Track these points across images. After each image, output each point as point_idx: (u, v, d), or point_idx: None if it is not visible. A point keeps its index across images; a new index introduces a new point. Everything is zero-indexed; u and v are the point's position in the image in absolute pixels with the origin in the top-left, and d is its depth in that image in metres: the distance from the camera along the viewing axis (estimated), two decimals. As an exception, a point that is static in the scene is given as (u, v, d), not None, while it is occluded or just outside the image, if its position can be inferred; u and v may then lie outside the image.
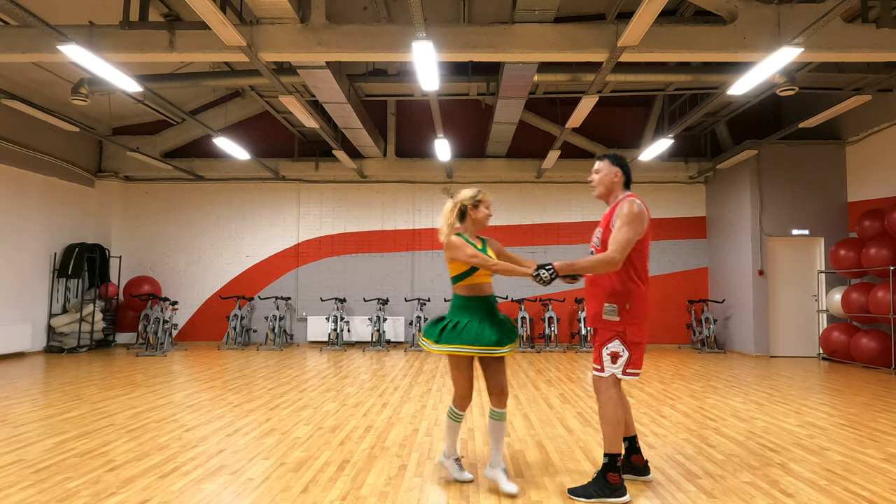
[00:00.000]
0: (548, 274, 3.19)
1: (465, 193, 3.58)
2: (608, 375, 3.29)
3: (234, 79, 9.21)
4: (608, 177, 3.47)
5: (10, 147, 9.97)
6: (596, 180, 3.52)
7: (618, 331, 3.27)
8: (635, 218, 3.23)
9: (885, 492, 3.38)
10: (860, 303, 9.05)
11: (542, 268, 3.22)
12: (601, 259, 3.21)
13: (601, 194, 3.53)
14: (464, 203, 3.54)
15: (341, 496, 3.25)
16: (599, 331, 3.35)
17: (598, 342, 3.35)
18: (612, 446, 3.25)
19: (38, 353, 10.63)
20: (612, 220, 3.32)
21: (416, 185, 12.77)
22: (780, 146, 10.67)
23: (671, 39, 6.53)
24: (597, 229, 3.49)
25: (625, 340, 3.26)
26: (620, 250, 3.17)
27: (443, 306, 12.36)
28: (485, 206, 3.55)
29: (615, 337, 3.27)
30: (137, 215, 12.75)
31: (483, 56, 6.84)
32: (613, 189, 3.47)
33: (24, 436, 4.54)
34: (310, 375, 7.87)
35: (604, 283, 3.32)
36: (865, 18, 6.49)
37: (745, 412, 5.62)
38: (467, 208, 3.53)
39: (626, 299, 3.26)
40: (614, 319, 3.27)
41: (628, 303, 3.26)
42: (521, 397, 6.34)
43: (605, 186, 3.49)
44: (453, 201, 3.56)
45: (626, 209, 3.25)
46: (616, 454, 3.24)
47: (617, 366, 3.27)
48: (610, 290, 3.29)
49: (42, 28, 5.76)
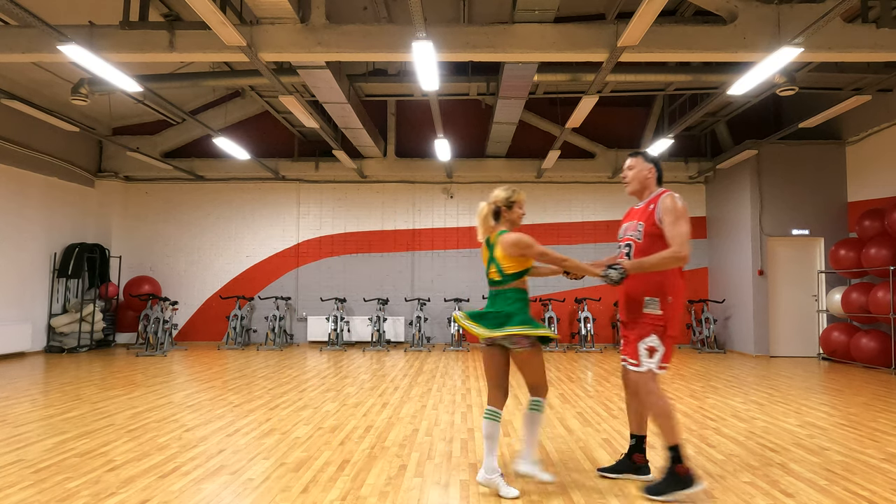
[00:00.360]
0: (617, 273, 3.24)
1: (499, 194, 3.61)
2: (645, 370, 3.28)
3: (234, 79, 9.21)
4: (642, 173, 3.53)
5: (10, 147, 9.97)
6: (630, 176, 3.57)
7: (658, 325, 3.28)
8: (685, 211, 3.32)
9: (885, 492, 3.38)
10: (860, 303, 9.05)
11: (611, 267, 3.26)
12: (670, 255, 3.24)
13: (635, 190, 3.57)
14: (499, 204, 3.57)
15: (341, 496, 3.25)
16: (635, 325, 3.34)
17: (633, 337, 3.33)
18: (671, 438, 3.23)
19: (39, 353, 10.63)
20: (655, 215, 3.35)
21: (416, 185, 12.77)
22: (780, 146, 10.67)
23: (671, 39, 6.53)
24: (631, 223, 3.51)
25: (663, 335, 3.28)
26: (685, 244, 3.23)
27: (443, 306, 12.37)
28: (519, 206, 3.59)
29: (653, 331, 3.28)
30: (137, 215, 12.75)
31: (483, 56, 6.84)
32: (647, 185, 3.53)
33: (24, 436, 4.54)
34: (310, 375, 7.88)
35: (645, 277, 3.32)
36: (865, 18, 6.49)
37: (745, 412, 5.62)
38: (501, 209, 3.55)
39: (669, 292, 3.29)
40: (656, 313, 3.29)
41: (670, 296, 3.29)
42: (520, 397, 6.34)
43: (639, 182, 3.54)
44: (488, 203, 3.59)
45: (673, 204, 3.32)
46: (677, 444, 3.22)
47: (653, 360, 3.28)
48: (652, 284, 3.31)
49: (42, 28, 5.76)
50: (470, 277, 12.53)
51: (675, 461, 3.21)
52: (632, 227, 3.49)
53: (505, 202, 3.56)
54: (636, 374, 3.33)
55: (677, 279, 3.34)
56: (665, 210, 3.32)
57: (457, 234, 12.67)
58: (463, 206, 12.72)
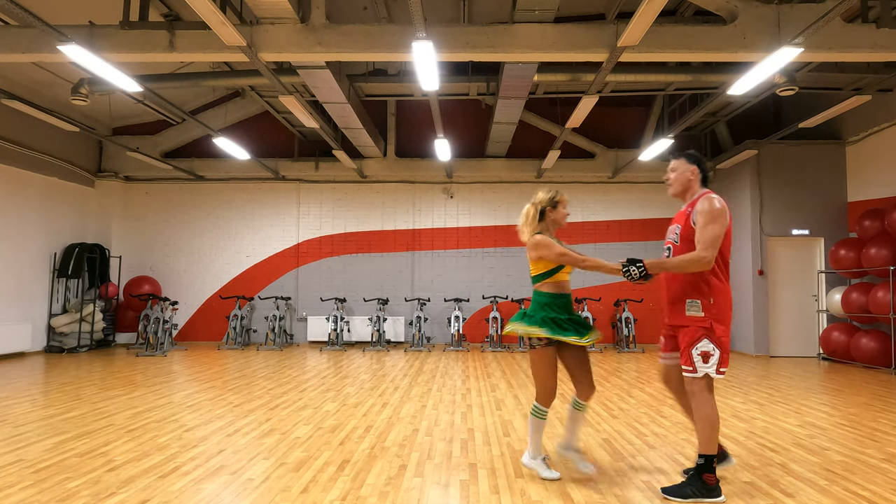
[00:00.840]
0: (637, 270, 3.23)
1: (543, 195, 3.66)
2: (702, 376, 3.23)
3: (234, 79, 9.21)
4: (685, 174, 3.49)
5: (10, 147, 9.97)
6: (672, 178, 3.54)
7: (705, 327, 3.22)
8: (720, 214, 3.24)
9: (886, 492, 3.38)
10: (860, 303, 9.05)
11: (631, 264, 3.25)
12: (691, 258, 3.21)
13: (678, 192, 3.54)
14: (543, 204, 3.61)
15: (341, 496, 3.25)
16: (684, 330, 3.31)
17: (684, 343, 3.29)
18: (709, 447, 3.21)
19: (38, 353, 10.63)
20: (692, 217, 3.32)
21: (416, 185, 12.77)
22: (780, 146, 10.67)
23: (671, 39, 6.53)
24: (672, 226, 3.50)
25: (713, 338, 3.22)
26: (710, 248, 3.18)
27: (443, 306, 12.37)
28: (562, 206, 3.64)
29: (704, 335, 3.23)
30: (137, 215, 12.75)
31: (483, 56, 6.84)
32: (690, 186, 3.48)
33: (24, 436, 4.54)
34: (310, 375, 7.88)
35: (685, 279, 3.30)
36: (865, 18, 6.49)
37: (745, 412, 5.62)
38: (546, 209, 3.60)
39: (709, 294, 3.25)
40: (699, 315, 3.25)
41: (711, 297, 3.25)
42: (520, 397, 6.34)
43: (681, 184, 3.51)
44: (533, 203, 3.65)
45: (707, 206, 3.26)
46: (712, 455, 3.20)
47: (709, 365, 3.21)
48: (692, 286, 3.28)
49: (42, 28, 5.76)
50: (470, 277, 12.53)
51: (705, 469, 3.20)
52: (672, 231, 3.49)
53: (550, 202, 3.63)
54: (692, 380, 3.26)
55: (715, 280, 3.27)
56: (699, 212, 3.28)
57: (457, 234, 12.67)
58: (463, 206, 12.72)
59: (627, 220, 12.57)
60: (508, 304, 12.31)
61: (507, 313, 12.22)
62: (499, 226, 12.64)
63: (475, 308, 12.42)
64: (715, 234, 3.19)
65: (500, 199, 12.71)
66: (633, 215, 12.59)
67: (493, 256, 12.59)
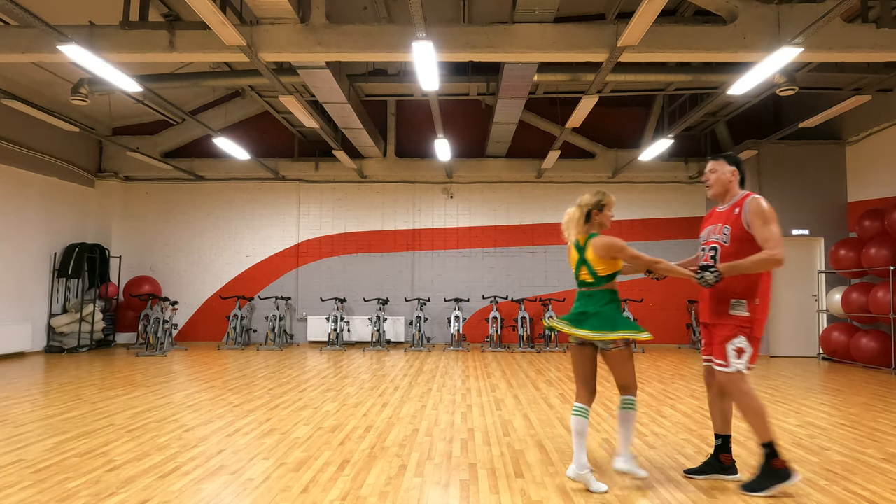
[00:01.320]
0: (713, 276, 3.30)
1: (590, 198, 3.63)
2: (734, 371, 3.32)
3: (234, 79, 9.21)
4: (725, 176, 3.57)
5: (10, 147, 9.98)
6: (712, 179, 3.60)
7: (744, 327, 3.31)
8: (774, 213, 3.36)
9: (886, 492, 3.38)
10: (860, 303, 9.05)
11: (706, 270, 3.31)
12: (766, 258, 3.27)
13: (718, 193, 3.60)
14: (591, 207, 3.60)
15: (341, 496, 3.25)
16: (719, 326, 3.38)
17: (719, 338, 3.37)
18: (764, 435, 3.29)
19: (38, 353, 10.63)
20: (742, 218, 3.38)
21: (416, 185, 12.77)
22: (780, 146, 10.66)
23: (671, 39, 6.53)
24: (715, 226, 3.54)
25: (750, 336, 3.31)
26: (779, 246, 3.27)
27: (443, 306, 12.37)
28: (609, 209, 3.63)
29: (741, 333, 3.31)
30: (137, 215, 12.75)
31: (483, 56, 6.83)
32: (730, 188, 3.58)
33: (24, 436, 4.54)
34: (310, 375, 7.88)
35: (736, 279, 3.36)
36: (865, 18, 6.49)
37: (745, 412, 5.61)
38: (592, 212, 3.60)
39: (756, 294, 3.33)
40: (744, 315, 3.33)
41: (758, 298, 3.33)
42: (521, 397, 6.34)
43: (722, 185, 3.58)
44: (578, 205, 3.64)
45: (761, 207, 3.36)
46: (772, 441, 3.28)
47: (741, 361, 3.32)
48: (743, 286, 3.35)
49: (42, 28, 5.76)
50: (470, 277, 12.53)
51: (770, 456, 3.27)
52: (716, 230, 3.52)
53: (597, 206, 3.60)
54: (725, 374, 3.34)
55: (767, 281, 3.39)
56: (754, 213, 3.36)
57: (457, 234, 12.67)
58: (463, 206, 12.72)
59: (627, 220, 12.57)
60: (508, 304, 12.31)
61: (508, 313, 12.23)
62: (499, 226, 12.64)
63: (475, 308, 12.42)
64: (778, 233, 3.30)
65: (500, 199, 12.71)
66: (633, 215, 12.59)
67: (493, 256, 12.59)
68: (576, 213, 3.61)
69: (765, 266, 3.30)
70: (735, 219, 3.42)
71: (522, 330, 11.28)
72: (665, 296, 12.16)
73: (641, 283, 12.32)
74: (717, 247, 3.48)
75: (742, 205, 3.42)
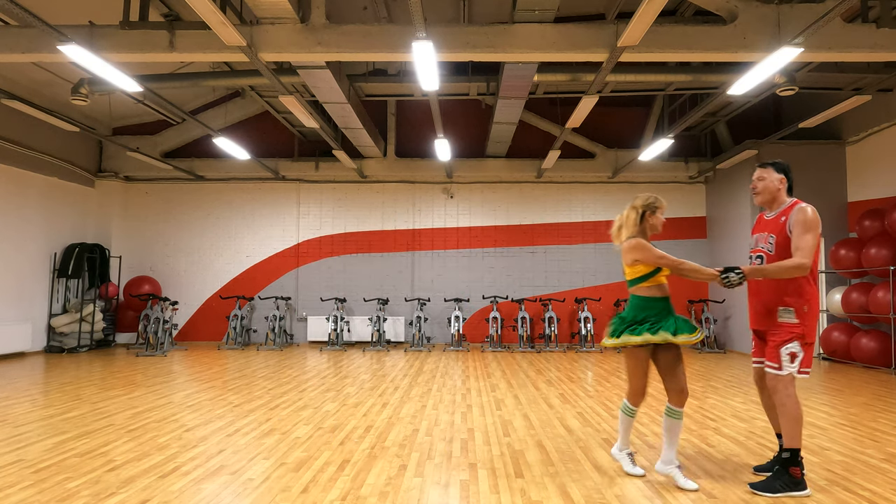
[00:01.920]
0: (737, 277, 3.35)
1: (643, 200, 3.67)
2: (786, 374, 3.36)
3: (234, 79, 9.21)
4: (773, 184, 3.59)
5: (10, 147, 9.98)
6: (760, 187, 3.62)
7: (797, 333, 3.36)
8: (815, 224, 3.37)
9: (886, 492, 3.38)
10: (860, 303, 9.04)
11: (730, 271, 3.36)
12: (791, 265, 3.32)
13: (766, 201, 3.63)
14: (645, 208, 3.64)
15: (341, 496, 3.25)
16: (775, 331, 3.43)
17: (775, 342, 3.41)
18: (795, 442, 3.33)
19: (39, 353, 10.63)
20: (786, 227, 3.42)
21: (416, 185, 12.77)
22: (780, 146, 10.66)
23: (671, 39, 6.53)
24: (762, 234, 3.59)
25: (803, 342, 3.37)
26: (809, 256, 3.31)
27: (443, 306, 12.37)
28: (661, 212, 3.67)
29: (795, 338, 3.36)
30: (137, 215, 12.75)
31: (483, 56, 6.83)
32: (778, 196, 3.59)
33: (24, 436, 4.54)
34: (310, 375, 7.88)
35: (782, 287, 3.41)
36: (865, 18, 6.49)
37: (745, 412, 5.62)
38: (646, 213, 3.63)
39: (804, 302, 3.38)
40: (793, 322, 3.38)
41: (806, 305, 3.37)
42: (521, 397, 6.34)
43: (770, 193, 3.60)
44: (633, 206, 3.68)
45: (803, 216, 3.38)
46: (798, 449, 3.33)
47: (794, 365, 3.36)
48: (789, 293, 3.39)
49: (42, 28, 5.76)
50: (470, 277, 12.53)
51: (792, 463, 3.32)
52: (763, 239, 3.58)
53: (649, 207, 3.64)
54: (776, 377, 3.39)
55: (812, 288, 3.41)
56: (796, 221, 3.40)
57: (457, 234, 12.67)
58: (463, 206, 12.72)
59: (627, 220, 12.54)
60: (508, 304, 12.31)
61: (508, 313, 12.23)
62: (499, 226, 12.64)
63: (475, 308, 12.42)
64: (813, 243, 3.34)
65: (500, 199, 12.71)
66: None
67: (493, 256, 12.60)
68: (631, 215, 3.65)
69: (789, 272, 3.33)
70: (780, 227, 3.47)
71: (522, 330, 11.28)
72: (665, 296, 12.15)
73: (641, 283, 12.31)
74: (762, 255, 3.55)
75: (789, 214, 3.46)
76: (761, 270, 3.38)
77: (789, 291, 3.38)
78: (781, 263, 3.35)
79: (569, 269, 12.56)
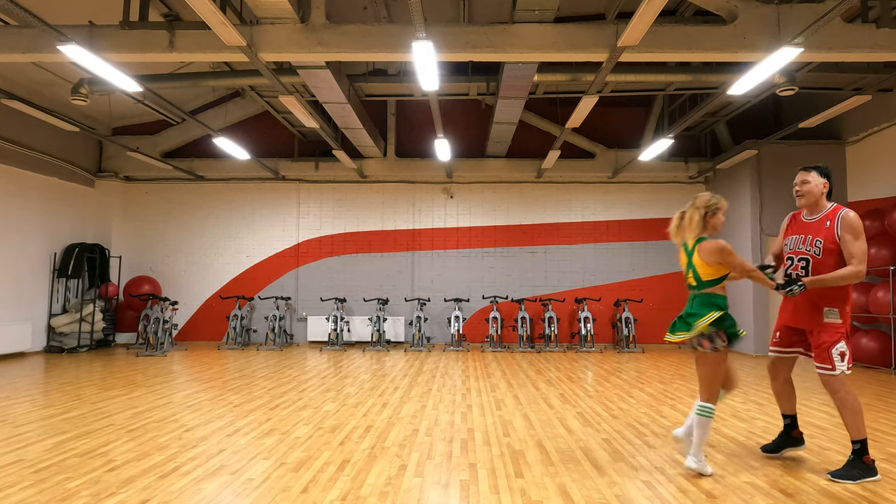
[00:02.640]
0: (799, 289, 3.58)
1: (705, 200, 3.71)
2: (839, 373, 3.58)
3: (234, 79, 9.21)
4: (818, 188, 3.76)
5: (10, 147, 9.97)
6: (804, 190, 3.79)
7: (843, 332, 3.58)
8: (862, 228, 3.59)
9: (886, 492, 3.39)
10: (860, 303, 9.04)
11: (793, 283, 3.57)
12: (850, 273, 3.52)
13: (808, 203, 3.79)
14: (707, 209, 3.69)
15: (341, 496, 3.25)
16: (821, 333, 3.61)
17: (825, 344, 3.59)
18: (861, 433, 3.57)
19: (38, 353, 10.63)
20: (834, 231, 3.61)
21: (416, 185, 12.77)
22: (780, 146, 10.66)
23: (671, 39, 6.53)
24: (804, 237, 3.74)
25: (848, 341, 3.59)
26: (864, 261, 3.52)
27: (443, 306, 12.37)
28: (722, 213, 3.72)
29: (842, 338, 3.57)
30: (137, 215, 12.75)
31: (483, 56, 6.83)
32: (820, 200, 3.76)
33: (24, 436, 4.54)
34: (310, 375, 7.88)
35: (827, 289, 3.60)
36: (865, 18, 6.49)
37: (745, 412, 5.62)
38: (707, 214, 3.69)
39: (846, 303, 3.61)
40: (837, 322, 3.59)
41: (848, 306, 3.62)
42: (521, 397, 6.34)
43: (813, 196, 3.77)
44: (696, 207, 3.71)
45: (853, 222, 3.58)
46: (865, 438, 3.56)
47: (844, 363, 3.58)
48: (833, 296, 3.61)
49: (42, 28, 5.76)
50: (470, 277, 12.53)
51: (861, 453, 3.55)
52: (804, 241, 3.73)
53: (712, 208, 3.68)
54: (832, 377, 3.60)
55: (850, 290, 3.66)
56: (846, 227, 3.58)
57: (457, 234, 12.67)
58: (463, 206, 12.72)
59: (628, 220, 12.57)
60: (508, 304, 12.31)
61: (508, 313, 12.23)
62: (499, 226, 12.64)
63: (475, 308, 12.42)
64: (865, 248, 3.54)
65: (500, 199, 12.71)
66: (632, 215, 12.59)
67: (493, 256, 12.60)
68: (694, 216, 3.69)
69: (847, 280, 3.53)
70: (827, 231, 3.62)
71: (522, 330, 11.28)
72: (665, 296, 12.15)
73: (640, 282, 12.34)
74: (808, 258, 3.69)
75: (834, 218, 3.62)
76: (822, 280, 3.56)
77: (835, 294, 3.59)
78: (841, 272, 3.52)
79: (569, 269, 12.56)
